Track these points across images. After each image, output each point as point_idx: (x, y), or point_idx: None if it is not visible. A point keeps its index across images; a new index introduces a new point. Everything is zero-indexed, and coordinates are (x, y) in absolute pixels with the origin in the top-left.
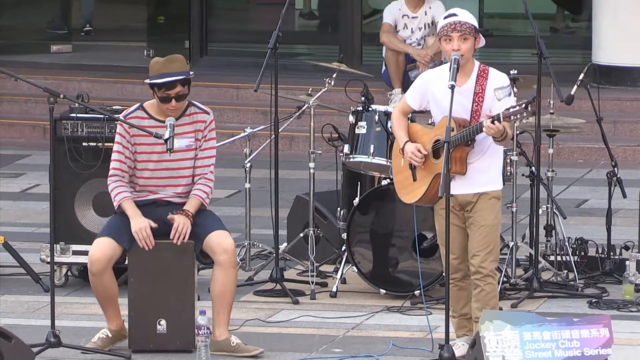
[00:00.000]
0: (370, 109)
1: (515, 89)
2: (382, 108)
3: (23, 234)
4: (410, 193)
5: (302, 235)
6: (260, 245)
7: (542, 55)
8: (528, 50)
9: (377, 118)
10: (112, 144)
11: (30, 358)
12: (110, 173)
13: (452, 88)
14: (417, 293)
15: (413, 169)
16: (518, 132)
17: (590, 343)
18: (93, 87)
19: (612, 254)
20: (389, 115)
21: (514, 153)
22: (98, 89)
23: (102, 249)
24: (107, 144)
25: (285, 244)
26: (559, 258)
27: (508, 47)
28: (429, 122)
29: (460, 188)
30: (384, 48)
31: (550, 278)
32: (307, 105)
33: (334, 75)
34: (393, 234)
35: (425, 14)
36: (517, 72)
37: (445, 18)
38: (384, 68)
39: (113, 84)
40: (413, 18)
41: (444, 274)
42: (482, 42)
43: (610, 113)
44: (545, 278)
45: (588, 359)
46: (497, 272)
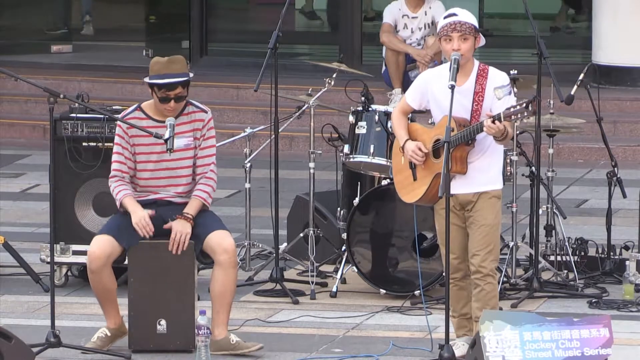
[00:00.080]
0: (370, 109)
1: (515, 89)
2: (382, 108)
3: (23, 234)
4: (411, 193)
5: (302, 235)
6: (260, 245)
7: (542, 55)
8: (528, 50)
9: (377, 118)
10: (112, 144)
11: (30, 358)
12: (111, 174)
13: (452, 88)
14: (417, 293)
15: (413, 169)
16: (518, 132)
17: (590, 343)
18: (93, 87)
19: (612, 254)
20: (389, 115)
21: (514, 153)
22: (98, 89)
23: (101, 247)
24: (107, 144)
25: (285, 244)
26: (559, 258)
27: (508, 47)
28: (429, 121)
29: (461, 187)
30: (384, 48)
31: (550, 278)
32: (307, 105)
33: (334, 75)
34: (393, 234)
35: (425, 14)
36: (517, 72)
37: (445, 18)
38: (384, 68)
39: (113, 84)
40: (413, 18)
41: (444, 274)
42: (482, 41)
43: (610, 113)
44: (545, 278)
45: (588, 359)
46: (497, 271)
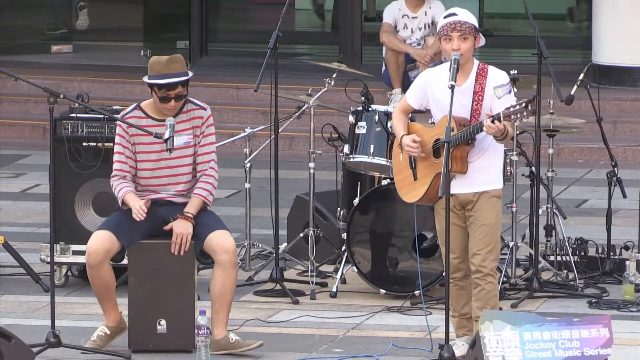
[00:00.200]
0: (370, 109)
1: (515, 89)
2: (382, 108)
3: (23, 234)
4: (411, 192)
5: (302, 235)
6: (260, 245)
7: (542, 55)
8: (528, 50)
9: (377, 118)
10: (112, 144)
11: (30, 358)
12: (113, 174)
13: (452, 88)
14: (417, 293)
15: (414, 168)
16: (518, 132)
17: (590, 343)
18: (93, 87)
19: (612, 254)
20: (389, 115)
21: (514, 153)
22: (98, 89)
23: (100, 242)
24: (107, 144)
25: (285, 244)
26: (559, 258)
27: (508, 47)
28: (429, 121)
29: (461, 187)
30: (384, 48)
31: (550, 278)
32: (307, 105)
33: (334, 75)
34: (393, 234)
35: (425, 14)
36: (517, 72)
37: (445, 18)
38: (384, 68)
39: (113, 84)
40: (413, 18)
41: (444, 274)
42: (482, 41)
43: (610, 113)
44: (545, 278)
45: (588, 359)
46: (497, 271)
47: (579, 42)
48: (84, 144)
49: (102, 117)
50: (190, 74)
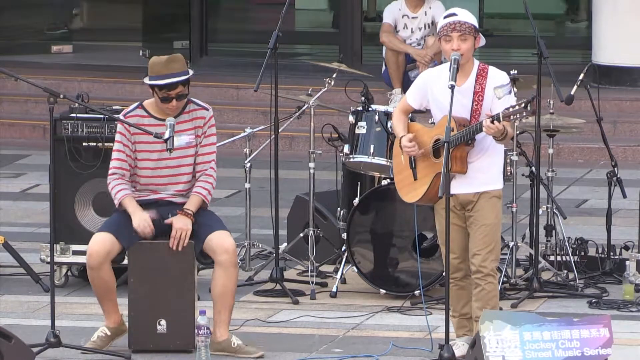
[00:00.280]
0: (370, 109)
1: (515, 89)
2: (382, 108)
3: (23, 234)
4: (411, 192)
5: (302, 235)
6: (260, 245)
7: (542, 55)
8: (528, 50)
9: (377, 118)
10: (112, 144)
11: (30, 358)
12: (110, 172)
13: (452, 88)
14: (417, 293)
15: (414, 169)
16: (518, 132)
17: (590, 343)
18: (93, 87)
19: (612, 254)
20: (389, 115)
21: (514, 153)
22: (98, 89)
23: (100, 244)
24: (107, 144)
25: (285, 244)
26: (559, 258)
27: (508, 47)
28: (429, 121)
29: (461, 187)
30: (384, 48)
31: (550, 278)
32: (307, 105)
33: (334, 75)
34: (393, 234)
35: (425, 14)
36: (517, 72)
37: (445, 18)
38: (384, 68)
39: (113, 84)
40: (413, 18)
41: (444, 274)
42: (482, 41)
43: (610, 113)
44: (545, 278)
45: (588, 359)
46: (497, 271)
47: (579, 42)
48: (84, 144)
49: (102, 117)
50: (191, 73)
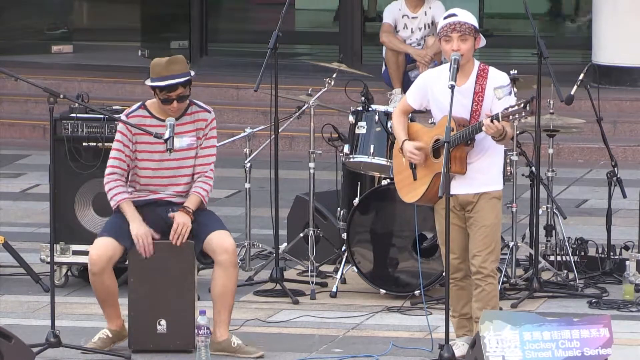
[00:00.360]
0: (370, 109)
1: (515, 89)
2: (382, 108)
3: (23, 234)
4: (411, 192)
5: (302, 235)
6: (260, 245)
7: (542, 55)
8: (528, 50)
9: (377, 118)
10: (112, 144)
11: (30, 358)
12: (108, 171)
13: (452, 88)
14: (417, 293)
15: (413, 169)
16: (518, 132)
17: (590, 343)
18: (93, 87)
19: (612, 254)
20: (389, 115)
21: (514, 153)
22: (98, 89)
23: (102, 249)
24: (107, 144)
25: (285, 244)
26: (559, 258)
27: (508, 47)
28: (429, 121)
29: (461, 188)
30: (384, 48)
31: (550, 278)
32: (307, 105)
33: (334, 75)
34: (393, 234)
35: (425, 14)
36: (517, 72)
37: (445, 18)
38: (384, 68)
39: (113, 84)
40: (413, 18)
41: (444, 274)
42: (482, 42)
43: (610, 113)
44: (545, 278)
45: (588, 359)
46: (497, 272)
47: (579, 42)
48: (84, 144)
49: (102, 117)
50: (192, 74)
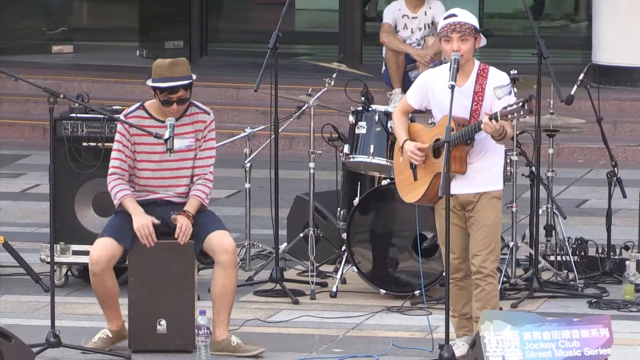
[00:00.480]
0: (370, 109)
1: (515, 89)
2: (382, 108)
3: (23, 234)
4: (411, 192)
5: (302, 235)
6: (260, 245)
7: (542, 55)
8: (528, 50)
9: (377, 118)
10: (112, 144)
11: (30, 358)
12: (110, 172)
13: (452, 88)
14: (417, 293)
15: (414, 169)
16: (518, 132)
17: (590, 343)
18: (93, 87)
19: (612, 254)
20: (389, 115)
21: (514, 153)
22: (98, 89)
23: (103, 250)
24: (107, 144)
25: (285, 244)
26: (559, 258)
27: (508, 47)
28: (430, 121)
29: (461, 188)
30: (384, 48)
31: (550, 278)
32: (307, 105)
33: (334, 75)
34: (393, 234)
35: (425, 14)
36: (517, 72)
37: (445, 19)
38: (384, 68)
39: (113, 84)
40: (413, 18)
41: (444, 274)
42: (482, 42)
43: (610, 113)
44: (545, 278)
45: (588, 359)
46: (497, 272)
47: (579, 42)
48: (84, 144)
49: (102, 117)
50: (194, 77)
